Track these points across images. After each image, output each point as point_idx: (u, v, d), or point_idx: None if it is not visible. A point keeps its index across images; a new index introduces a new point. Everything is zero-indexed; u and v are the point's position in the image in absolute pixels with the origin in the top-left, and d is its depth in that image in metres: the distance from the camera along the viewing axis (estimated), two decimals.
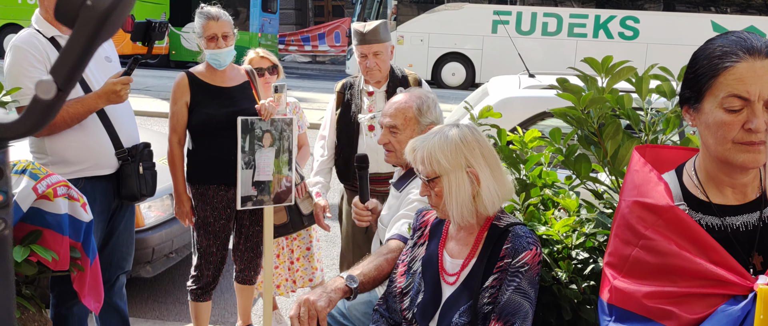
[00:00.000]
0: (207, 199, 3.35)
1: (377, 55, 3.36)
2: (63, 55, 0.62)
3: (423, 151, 2.05)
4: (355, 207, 2.72)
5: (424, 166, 2.05)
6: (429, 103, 2.59)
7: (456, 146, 2.02)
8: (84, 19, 0.60)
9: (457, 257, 2.08)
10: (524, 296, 1.93)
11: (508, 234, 2.00)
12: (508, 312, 1.92)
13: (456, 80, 16.30)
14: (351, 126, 3.45)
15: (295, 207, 3.68)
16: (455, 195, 2.00)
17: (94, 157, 2.89)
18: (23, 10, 16.85)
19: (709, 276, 1.35)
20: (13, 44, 2.79)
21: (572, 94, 2.14)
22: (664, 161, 1.62)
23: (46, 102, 0.62)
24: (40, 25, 2.85)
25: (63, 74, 0.62)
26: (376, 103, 3.45)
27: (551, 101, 2.78)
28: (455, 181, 2.00)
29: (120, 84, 2.75)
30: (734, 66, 1.33)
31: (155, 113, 10.53)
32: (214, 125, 3.27)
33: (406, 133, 2.56)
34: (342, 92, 3.55)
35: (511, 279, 1.94)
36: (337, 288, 2.10)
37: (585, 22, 15.46)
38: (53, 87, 0.62)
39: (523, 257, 1.94)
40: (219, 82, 3.35)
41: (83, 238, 2.48)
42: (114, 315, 3.17)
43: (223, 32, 3.25)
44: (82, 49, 0.62)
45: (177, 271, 4.77)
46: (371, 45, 3.35)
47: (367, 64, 3.38)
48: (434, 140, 2.04)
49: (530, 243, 1.96)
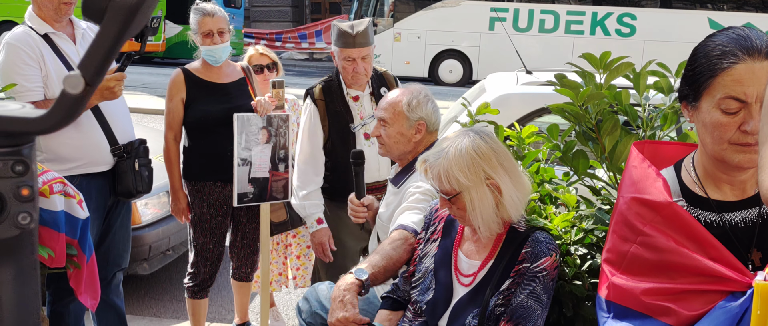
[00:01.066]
0: (203, 196, 3.35)
1: (365, 58, 3.12)
2: (91, 51, 0.64)
3: (438, 169, 1.99)
4: (351, 203, 2.71)
5: (442, 184, 2.00)
6: (420, 98, 2.57)
7: (472, 160, 1.96)
8: (111, 15, 0.62)
9: (475, 258, 2.06)
10: (537, 301, 1.91)
11: (529, 238, 1.98)
12: (520, 314, 1.91)
13: (453, 77, 16.29)
14: (346, 137, 3.19)
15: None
16: (479, 210, 1.96)
17: (90, 154, 2.89)
18: (19, 8, 16.78)
19: (708, 273, 1.34)
20: (6, 41, 2.79)
21: (570, 90, 2.14)
22: (663, 157, 1.61)
23: (74, 96, 0.64)
24: (33, 22, 2.85)
25: (91, 69, 0.64)
26: (364, 108, 3.25)
27: (549, 97, 2.78)
28: (477, 196, 1.96)
29: (114, 80, 2.75)
30: (733, 67, 1.32)
31: (151, 110, 10.50)
32: (210, 122, 3.26)
33: (394, 127, 2.55)
34: (323, 99, 3.21)
35: (528, 283, 1.93)
36: (347, 287, 2.04)
37: (582, 19, 15.47)
38: (81, 82, 0.63)
39: (543, 263, 1.92)
40: (215, 79, 3.34)
41: (80, 235, 2.46)
42: (111, 312, 3.16)
43: (219, 28, 3.25)
44: (109, 44, 0.63)
45: (174, 269, 4.76)
46: (361, 48, 3.10)
47: (355, 69, 3.12)
48: (449, 156, 1.98)
49: (550, 249, 1.94)
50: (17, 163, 0.62)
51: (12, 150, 0.63)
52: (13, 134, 0.63)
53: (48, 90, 2.81)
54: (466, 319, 1.97)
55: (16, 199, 0.63)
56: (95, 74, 0.63)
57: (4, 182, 0.63)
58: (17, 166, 0.62)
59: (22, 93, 2.74)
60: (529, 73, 4.90)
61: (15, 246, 0.65)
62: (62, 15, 2.87)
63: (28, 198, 0.63)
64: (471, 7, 15.74)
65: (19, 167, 0.62)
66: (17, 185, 0.63)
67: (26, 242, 0.65)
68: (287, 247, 3.92)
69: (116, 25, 0.62)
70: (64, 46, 2.89)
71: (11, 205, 0.63)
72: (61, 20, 2.89)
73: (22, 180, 0.63)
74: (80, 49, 2.94)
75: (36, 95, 2.77)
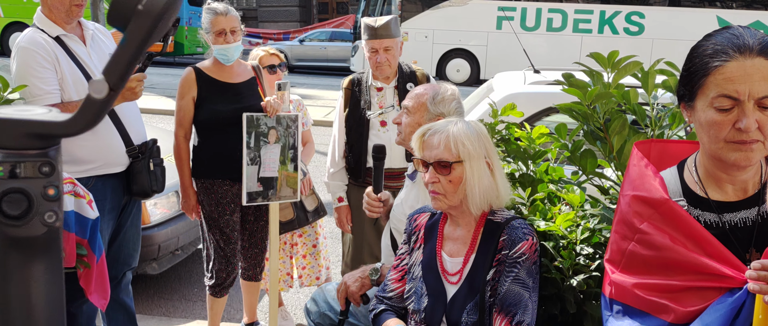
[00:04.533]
0: (212, 194, 3.37)
1: (388, 50, 3.36)
2: (116, 57, 0.66)
3: (446, 134, 2.03)
4: (368, 197, 2.74)
5: (448, 150, 2.02)
6: (445, 95, 2.59)
7: (478, 135, 2.05)
8: (137, 22, 0.64)
9: (457, 255, 2.09)
10: (523, 286, 1.94)
11: (505, 226, 2.02)
12: (509, 302, 1.94)
13: (461, 76, 16.29)
14: (361, 122, 3.44)
15: (300, 204, 3.70)
16: (478, 182, 2.01)
17: (106, 156, 2.91)
18: (28, 9, 16.91)
19: (705, 270, 1.35)
20: (19, 46, 2.78)
21: (578, 90, 2.15)
22: (670, 156, 1.62)
23: (99, 101, 0.67)
24: (43, 25, 2.85)
25: (116, 75, 0.66)
26: (386, 99, 3.45)
27: (556, 97, 2.78)
28: (477, 168, 2.02)
29: (135, 80, 2.77)
30: (724, 65, 1.32)
31: (161, 111, 10.56)
32: (221, 121, 3.28)
33: (414, 117, 2.57)
34: (350, 88, 3.53)
35: (510, 269, 1.96)
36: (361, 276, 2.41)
37: (590, 18, 15.43)
38: (105, 87, 0.66)
39: (521, 247, 1.96)
40: (226, 78, 3.35)
41: (89, 235, 2.49)
42: (120, 311, 3.19)
43: (232, 27, 3.26)
44: (134, 50, 0.66)
45: (183, 268, 4.79)
46: (382, 40, 3.35)
47: (377, 59, 3.37)
48: (456, 126, 2.04)
49: (526, 233, 1.99)
50: (44, 164, 0.65)
51: (39, 152, 0.67)
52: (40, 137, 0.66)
53: (64, 93, 2.82)
54: (462, 316, 2.00)
55: (43, 199, 0.66)
56: (119, 79, 0.65)
57: (32, 182, 0.66)
58: (44, 167, 0.65)
59: (39, 96, 2.74)
60: (536, 73, 4.90)
61: (42, 244, 0.68)
62: (73, 17, 2.87)
63: (53, 197, 0.66)
64: (478, 6, 15.73)
65: (46, 168, 0.65)
66: (44, 185, 0.66)
67: (52, 240, 0.68)
68: (293, 247, 3.95)
69: (142, 30, 0.64)
70: (76, 49, 2.90)
71: (38, 205, 0.66)
72: (72, 22, 2.90)
73: (49, 181, 0.67)
74: (91, 51, 2.95)
75: (53, 98, 2.78)
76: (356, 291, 2.41)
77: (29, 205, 0.66)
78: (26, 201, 0.66)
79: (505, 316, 1.93)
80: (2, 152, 0.66)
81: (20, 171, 0.66)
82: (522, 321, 1.92)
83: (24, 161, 0.67)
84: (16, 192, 0.65)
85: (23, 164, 0.66)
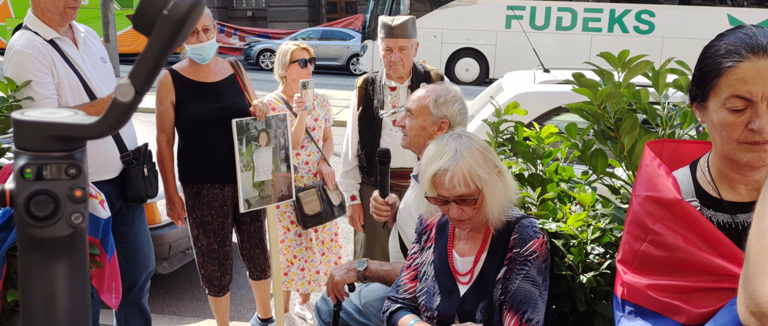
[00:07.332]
0: (202, 198, 3.31)
1: (402, 49, 3.38)
2: (141, 61, 0.68)
3: (462, 171, 1.97)
4: (374, 201, 2.74)
5: (468, 186, 1.97)
6: (448, 97, 2.59)
7: (482, 153, 2.02)
8: (161, 27, 0.66)
9: (468, 255, 2.10)
10: (534, 284, 1.96)
11: (515, 225, 2.03)
12: (520, 300, 1.95)
13: (470, 76, 16.27)
14: (374, 121, 3.46)
15: (327, 198, 3.73)
16: (496, 197, 2.00)
17: (100, 162, 2.89)
18: None
19: (717, 271, 1.35)
20: (14, 49, 2.71)
21: (588, 89, 2.15)
22: (683, 156, 1.61)
23: (124, 104, 0.68)
24: (36, 27, 2.78)
25: (141, 78, 0.68)
26: (399, 99, 3.47)
27: (566, 96, 2.79)
28: (493, 188, 2.00)
29: None
30: (737, 66, 1.32)
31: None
32: (203, 123, 3.20)
33: (418, 119, 2.58)
34: (364, 87, 3.54)
35: (520, 267, 1.98)
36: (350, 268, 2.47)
37: (600, 17, 15.34)
38: (132, 90, 0.68)
39: (531, 245, 1.98)
40: (203, 78, 3.25)
41: (102, 235, 2.51)
42: (138, 315, 3.20)
43: (204, 25, 3.16)
44: (158, 54, 0.67)
45: (193, 268, 4.81)
46: (398, 39, 3.37)
47: (391, 58, 3.39)
48: (466, 157, 1.98)
49: (536, 231, 2.01)
50: (71, 166, 0.67)
51: (66, 154, 0.68)
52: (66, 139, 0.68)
53: (60, 97, 2.76)
54: (474, 315, 2.01)
55: (69, 200, 0.68)
56: (144, 83, 0.67)
57: (59, 184, 0.68)
58: (70, 169, 0.67)
59: (39, 101, 2.70)
60: (546, 72, 4.90)
61: (69, 245, 0.70)
62: (67, 19, 2.81)
63: (80, 199, 0.68)
64: (487, 5, 15.69)
65: (73, 170, 0.67)
66: (71, 187, 0.68)
67: (78, 240, 0.70)
68: (323, 243, 3.96)
69: (165, 35, 0.65)
70: (70, 52, 2.84)
71: (65, 206, 0.68)
72: (65, 25, 2.84)
73: (75, 183, 0.68)
74: (83, 55, 2.89)
75: (52, 103, 2.72)
76: (340, 282, 2.47)
77: (56, 207, 0.68)
78: (53, 202, 0.67)
79: (515, 314, 1.94)
80: (29, 154, 0.68)
81: (47, 174, 0.68)
82: (532, 318, 1.93)
83: (50, 163, 0.68)
84: (42, 193, 0.67)
85: (49, 166, 0.68)
